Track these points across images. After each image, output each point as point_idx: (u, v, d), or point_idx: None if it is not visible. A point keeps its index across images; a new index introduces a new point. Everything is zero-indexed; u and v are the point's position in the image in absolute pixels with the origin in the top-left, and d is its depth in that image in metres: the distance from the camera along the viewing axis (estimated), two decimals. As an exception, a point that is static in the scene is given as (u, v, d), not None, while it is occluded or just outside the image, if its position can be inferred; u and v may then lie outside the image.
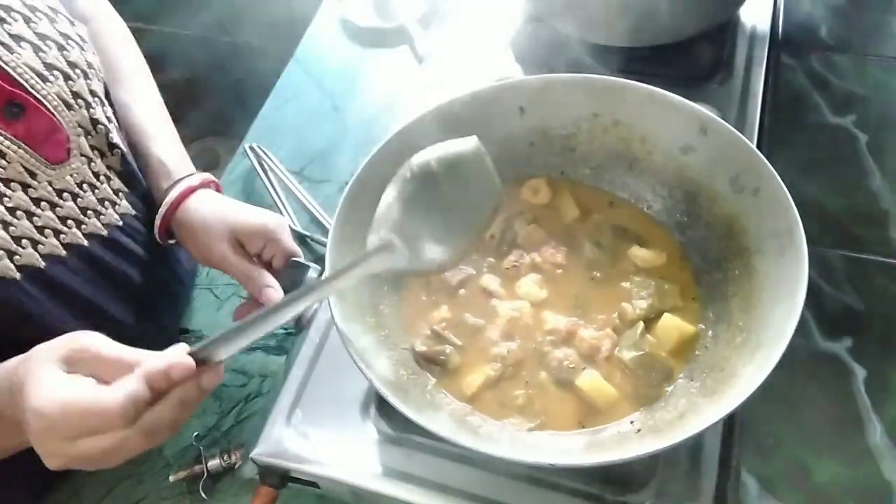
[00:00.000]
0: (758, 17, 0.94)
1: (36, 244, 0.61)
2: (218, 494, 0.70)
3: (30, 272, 0.61)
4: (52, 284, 0.63)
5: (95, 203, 0.67)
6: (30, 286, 0.61)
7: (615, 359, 0.62)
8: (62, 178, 0.64)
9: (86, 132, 0.67)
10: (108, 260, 0.69)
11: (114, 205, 0.70)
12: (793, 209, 0.57)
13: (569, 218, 0.71)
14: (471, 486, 0.60)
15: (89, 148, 0.67)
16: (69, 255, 0.65)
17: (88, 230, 0.66)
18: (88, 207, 0.66)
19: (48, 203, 0.62)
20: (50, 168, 0.63)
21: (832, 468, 0.63)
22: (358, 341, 0.57)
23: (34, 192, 0.61)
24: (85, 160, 0.66)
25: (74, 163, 0.65)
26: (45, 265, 0.62)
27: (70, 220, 0.65)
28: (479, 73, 0.91)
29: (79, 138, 0.66)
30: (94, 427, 0.46)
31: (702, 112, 0.64)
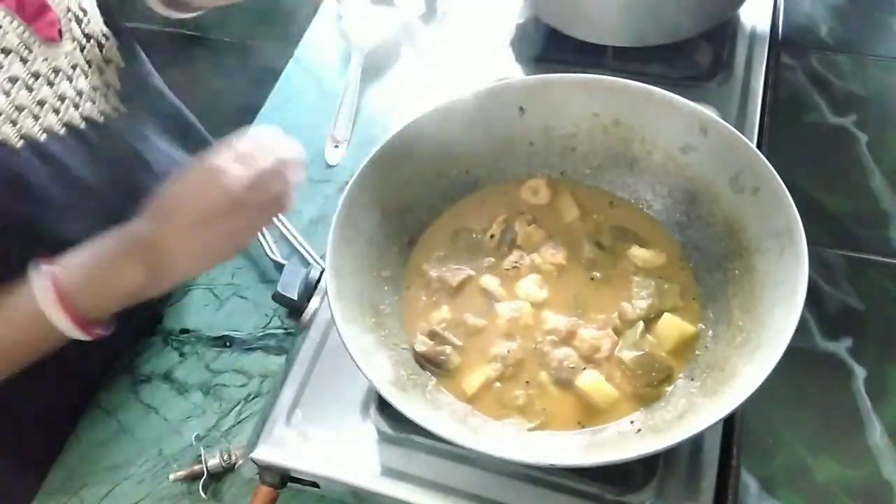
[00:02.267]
0: (758, 17, 0.94)
1: (35, 117, 0.63)
2: (218, 494, 0.70)
3: (30, 143, 0.62)
4: (51, 160, 0.64)
5: (89, 89, 0.69)
6: (31, 156, 0.62)
7: (615, 359, 0.62)
8: (57, 58, 0.65)
9: (77, 18, 0.68)
10: (106, 149, 0.70)
11: (105, 97, 0.71)
12: (793, 209, 0.57)
13: (569, 218, 0.71)
14: (471, 486, 0.60)
15: (81, 35, 0.68)
16: (67, 134, 0.66)
17: (85, 113, 0.68)
18: (83, 91, 0.68)
19: (45, 79, 0.64)
20: (44, 45, 0.64)
21: (832, 468, 0.63)
22: (358, 341, 0.57)
23: (31, 65, 0.63)
24: (77, 45, 0.68)
25: (66, 45, 0.66)
26: (44, 138, 0.63)
27: (67, 99, 0.66)
28: (479, 73, 0.91)
29: (70, 23, 0.67)
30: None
31: (702, 112, 0.64)
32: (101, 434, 0.75)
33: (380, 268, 0.66)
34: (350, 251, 0.62)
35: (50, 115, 0.64)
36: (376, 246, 0.66)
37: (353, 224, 0.63)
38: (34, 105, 0.63)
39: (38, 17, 0.65)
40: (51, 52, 0.65)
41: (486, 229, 0.70)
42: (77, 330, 0.60)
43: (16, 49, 0.62)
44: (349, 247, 0.62)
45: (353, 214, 0.63)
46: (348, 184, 0.63)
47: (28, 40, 0.63)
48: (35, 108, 0.63)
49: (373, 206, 0.65)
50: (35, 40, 0.64)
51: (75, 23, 0.69)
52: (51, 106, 0.64)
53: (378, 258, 0.66)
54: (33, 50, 0.64)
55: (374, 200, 0.66)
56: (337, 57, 1.06)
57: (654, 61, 0.88)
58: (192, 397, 0.77)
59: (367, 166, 0.64)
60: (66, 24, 0.67)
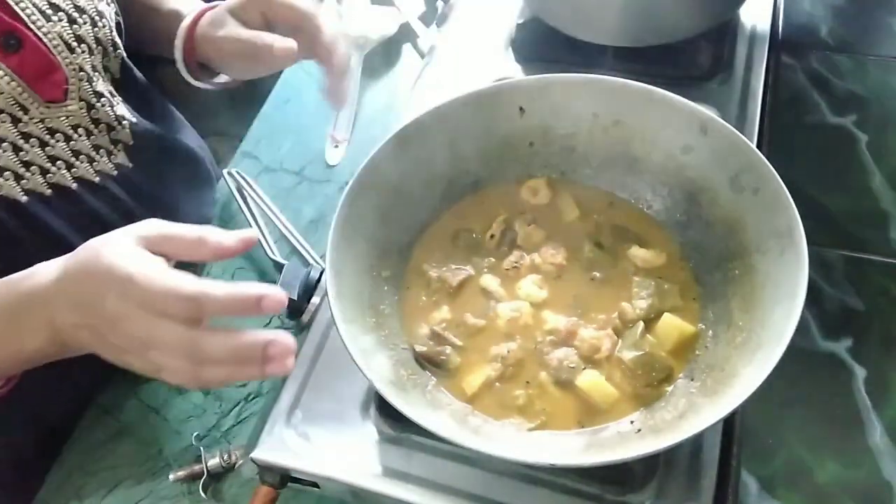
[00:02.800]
0: (758, 17, 0.94)
1: (19, 178, 0.62)
2: (218, 494, 0.70)
3: (8, 203, 0.62)
4: (31, 221, 0.63)
5: (89, 148, 0.68)
6: (8, 217, 0.62)
7: (615, 359, 0.62)
8: (55, 118, 0.65)
9: (88, 77, 0.67)
10: (98, 208, 0.69)
11: (109, 154, 0.70)
12: (793, 209, 0.57)
13: (569, 218, 0.71)
14: (471, 486, 0.60)
15: (92, 93, 0.68)
16: (54, 194, 0.65)
17: (78, 174, 0.67)
18: (81, 151, 0.67)
19: (38, 140, 0.63)
20: (44, 106, 0.64)
21: (832, 468, 0.63)
22: (358, 341, 0.57)
23: (24, 126, 0.63)
24: (84, 105, 0.67)
25: (71, 105, 0.66)
26: (25, 200, 0.63)
27: (60, 160, 0.65)
28: (479, 73, 0.91)
29: (80, 82, 0.66)
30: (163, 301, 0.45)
31: (702, 112, 0.64)
32: (101, 434, 0.75)
33: (380, 268, 0.66)
34: (350, 251, 0.62)
35: (36, 176, 0.63)
36: (376, 246, 0.66)
37: (353, 224, 0.63)
38: (19, 166, 0.62)
39: (42, 77, 0.64)
40: (50, 113, 0.64)
41: (486, 229, 0.70)
42: None
43: (8, 109, 0.62)
44: (349, 247, 0.62)
45: (353, 214, 0.63)
46: (348, 184, 0.63)
47: (25, 101, 0.62)
48: (20, 169, 0.62)
49: (373, 206, 0.65)
50: (34, 101, 0.63)
51: (86, 82, 0.67)
52: (38, 167, 0.64)
53: (378, 258, 0.66)
54: (30, 110, 0.63)
55: (374, 200, 0.66)
56: (337, 57, 1.06)
57: (654, 61, 0.88)
58: (192, 397, 0.77)
59: (367, 166, 0.64)
60: (74, 83, 0.66)
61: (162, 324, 0.46)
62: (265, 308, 0.47)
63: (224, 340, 0.46)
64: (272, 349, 0.46)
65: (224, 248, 0.49)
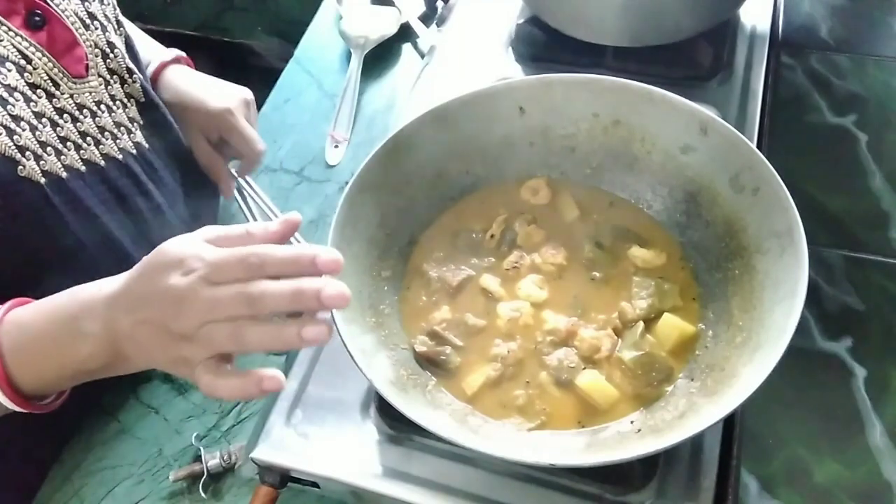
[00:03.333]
0: (758, 17, 0.94)
1: (59, 154, 0.63)
2: (218, 494, 0.70)
3: (53, 180, 0.62)
4: (72, 197, 0.64)
5: (112, 125, 0.69)
6: (52, 193, 0.62)
7: (615, 359, 0.62)
8: (82, 94, 0.66)
9: (103, 54, 0.69)
10: (122, 186, 0.70)
11: (129, 132, 0.71)
12: (793, 209, 0.57)
13: (569, 218, 0.71)
14: (471, 486, 0.60)
15: (106, 70, 0.69)
16: (88, 171, 0.66)
17: (105, 150, 0.68)
18: (105, 128, 0.68)
19: (70, 115, 0.65)
20: (71, 81, 0.65)
21: (832, 468, 0.63)
22: (358, 341, 0.57)
23: (57, 101, 0.64)
24: (102, 81, 0.69)
25: (93, 81, 0.67)
26: (66, 176, 0.63)
27: (89, 136, 0.67)
28: (479, 73, 0.91)
29: (96, 59, 0.68)
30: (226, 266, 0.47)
31: (702, 112, 0.64)
32: (101, 434, 0.75)
33: (380, 268, 0.66)
34: (350, 251, 0.62)
35: (72, 152, 0.64)
36: (376, 246, 0.66)
37: (353, 224, 0.63)
38: (57, 142, 0.63)
39: (67, 52, 0.65)
40: (77, 89, 0.66)
41: (486, 229, 0.70)
42: (10, 401, 0.54)
43: (43, 85, 0.63)
44: (349, 247, 0.62)
45: (353, 214, 0.63)
46: (348, 184, 0.63)
47: (56, 76, 0.64)
48: (58, 145, 0.63)
49: (373, 206, 0.66)
50: (63, 76, 0.65)
51: (101, 59, 0.69)
52: (73, 143, 0.65)
53: (378, 258, 0.66)
54: (60, 86, 0.64)
55: (374, 200, 0.66)
56: (337, 57, 1.06)
57: (654, 61, 0.88)
58: (192, 397, 0.77)
59: (367, 166, 0.64)
60: (92, 59, 0.68)
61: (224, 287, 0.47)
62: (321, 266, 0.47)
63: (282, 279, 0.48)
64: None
65: (271, 233, 0.51)
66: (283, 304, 0.47)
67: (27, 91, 0.61)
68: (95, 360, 0.52)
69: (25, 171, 0.60)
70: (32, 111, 0.61)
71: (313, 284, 0.46)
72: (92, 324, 0.51)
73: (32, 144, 0.60)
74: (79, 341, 0.52)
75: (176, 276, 0.48)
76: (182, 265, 0.48)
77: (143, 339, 0.50)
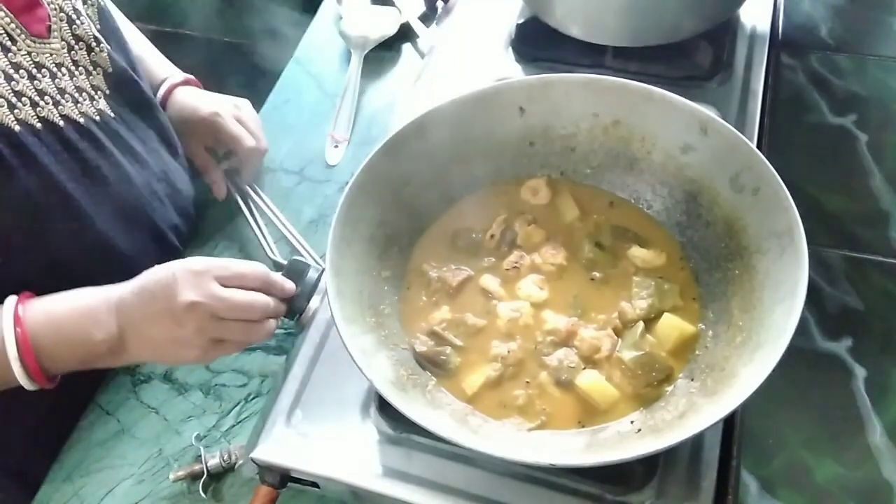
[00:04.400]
0: (758, 17, 0.94)
1: (12, 107, 0.64)
2: (218, 494, 0.70)
3: (4, 131, 0.63)
4: (24, 151, 0.65)
5: (73, 89, 0.70)
6: (3, 146, 0.63)
7: (615, 359, 0.62)
8: (41, 54, 0.67)
9: (68, 19, 0.70)
10: (83, 149, 0.70)
11: (91, 98, 0.72)
12: (793, 209, 0.57)
13: (569, 218, 0.71)
14: (471, 486, 0.60)
15: (71, 35, 0.70)
16: (43, 128, 0.66)
17: (64, 112, 0.68)
18: (65, 90, 0.69)
19: (26, 72, 0.65)
20: (30, 39, 0.66)
21: (832, 468, 0.63)
22: (358, 341, 0.57)
23: (13, 56, 0.65)
24: (65, 45, 0.70)
25: (54, 43, 0.68)
26: (19, 129, 0.64)
27: (47, 95, 0.67)
28: (479, 73, 0.91)
29: (61, 22, 0.69)
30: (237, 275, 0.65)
31: (702, 112, 0.64)
32: (101, 434, 0.75)
33: (380, 268, 0.66)
34: (350, 251, 0.62)
35: (27, 107, 0.65)
36: (376, 246, 0.66)
37: (353, 224, 0.63)
38: (11, 95, 0.64)
39: (26, 10, 0.66)
40: (36, 48, 0.66)
41: (486, 229, 0.70)
42: (29, 378, 0.64)
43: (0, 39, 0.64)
44: (349, 247, 0.62)
45: (353, 214, 0.63)
46: (348, 184, 0.63)
47: (13, 31, 0.65)
48: (12, 98, 0.64)
49: (373, 206, 0.66)
50: (21, 32, 0.65)
51: (66, 23, 0.70)
52: (29, 99, 0.65)
53: (378, 258, 0.66)
54: (17, 41, 0.65)
55: (374, 200, 0.66)
56: (337, 57, 1.06)
57: (654, 61, 0.88)
58: (192, 397, 0.77)
59: (367, 167, 0.64)
60: (56, 23, 0.69)
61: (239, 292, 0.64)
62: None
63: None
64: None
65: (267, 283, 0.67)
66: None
67: None
68: (104, 345, 0.64)
69: None
70: None
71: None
72: (108, 315, 0.64)
73: None
74: (94, 328, 0.63)
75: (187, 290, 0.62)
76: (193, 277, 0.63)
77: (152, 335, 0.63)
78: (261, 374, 0.78)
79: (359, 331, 0.59)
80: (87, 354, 0.65)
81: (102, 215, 0.73)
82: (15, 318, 0.63)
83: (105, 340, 0.63)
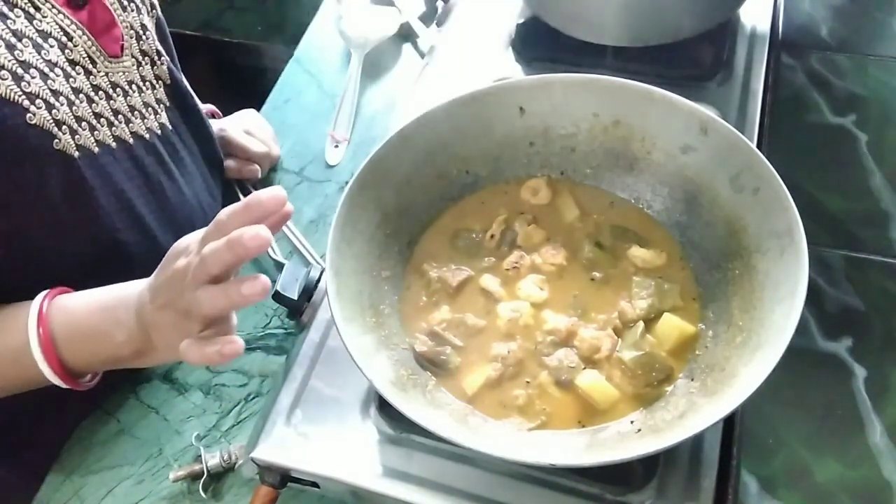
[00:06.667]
0: (758, 17, 0.94)
1: (93, 129, 0.65)
2: (218, 494, 0.70)
3: (85, 154, 0.64)
4: (102, 171, 0.66)
5: (141, 105, 0.71)
6: (85, 166, 0.64)
7: (615, 359, 0.62)
8: (116, 73, 0.68)
9: (136, 35, 0.71)
10: (148, 164, 0.72)
11: (155, 113, 0.73)
12: (793, 209, 0.57)
13: (569, 218, 0.71)
14: (471, 486, 0.60)
15: (139, 51, 0.72)
16: (118, 148, 0.68)
17: (134, 129, 0.70)
18: (135, 107, 0.70)
19: (104, 93, 0.67)
20: (108, 60, 0.67)
21: (832, 468, 0.63)
22: (358, 341, 0.57)
23: (94, 79, 0.66)
24: (135, 62, 0.71)
25: (126, 61, 0.70)
26: (98, 151, 0.65)
27: (120, 114, 0.69)
28: (479, 73, 0.91)
29: (131, 40, 0.70)
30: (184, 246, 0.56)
31: (702, 112, 0.64)
32: (101, 434, 0.75)
33: (380, 268, 0.66)
34: (350, 251, 0.62)
35: (105, 128, 0.66)
36: (376, 246, 0.66)
37: (353, 224, 0.63)
38: (92, 117, 0.65)
39: (105, 32, 0.67)
40: (112, 67, 0.68)
41: (486, 229, 0.70)
42: (58, 377, 0.62)
43: (82, 62, 0.65)
44: (349, 247, 0.62)
45: (353, 214, 0.63)
46: (348, 184, 0.63)
47: (94, 54, 0.66)
48: (93, 121, 0.65)
49: (373, 206, 0.66)
50: (101, 54, 0.66)
51: (135, 39, 0.71)
52: (106, 119, 0.66)
53: (378, 258, 0.66)
54: (97, 63, 0.66)
55: (374, 200, 0.66)
56: (337, 57, 1.06)
57: (654, 61, 0.88)
58: (192, 397, 0.77)
59: (367, 166, 0.64)
60: (127, 40, 0.70)
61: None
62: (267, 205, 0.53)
63: None
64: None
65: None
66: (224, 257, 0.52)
67: (67, 67, 0.63)
68: (128, 346, 0.61)
69: (61, 145, 0.61)
70: (71, 87, 0.63)
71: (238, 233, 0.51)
72: (126, 314, 0.60)
73: (69, 119, 0.62)
74: (114, 328, 0.61)
75: (179, 262, 0.55)
76: (184, 252, 0.56)
77: (163, 324, 0.57)
78: (261, 374, 0.78)
79: (359, 331, 0.59)
80: (110, 356, 0.63)
81: (163, 229, 0.74)
82: (39, 316, 0.61)
83: (126, 342, 0.61)
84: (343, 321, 0.56)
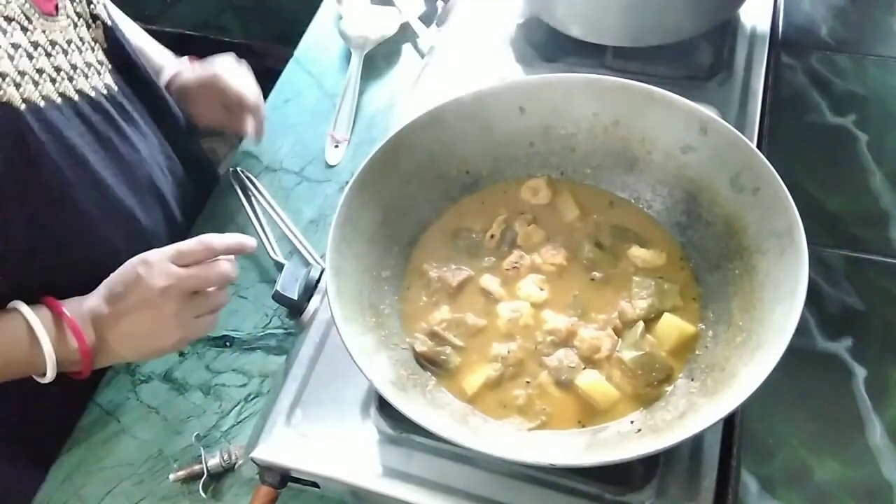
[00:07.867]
0: (758, 17, 0.94)
1: (36, 84, 0.65)
2: (218, 494, 0.70)
3: (32, 107, 0.65)
4: (49, 126, 0.66)
5: (83, 64, 0.72)
6: (32, 119, 0.64)
7: (615, 359, 0.62)
8: (53, 31, 0.69)
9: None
10: (96, 122, 0.72)
11: (97, 73, 0.74)
12: (793, 209, 0.57)
13: (569, 218, 0.71)
14: (471, 486, 0.60)
15: (74, 13, 0.72)
16: (64, 104, 0.69)
17: (78, 87, 0.71)
18: (77, 66, 0.71)
19: (43, 49, 0.67)
20: (43, 17, 0.68)
21: (832, 468, 0.63)
22: (358, 341, 0.57)
23: (31, 35, 0.66)
24: (71, 22, 0.72)
25: (62, 21, 0.70)
26: (43, 105, 0.66)
27: (62, 71, 0.69)
28: (479, 73, 0.91)
29: (65, 0, 0.71)
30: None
31: (702, 112, 0.64)
32: (101, 434, 0.75)
33: (380, 268, 0.66)
34: (350, 251, 0.62)
35: (48, 83, 0.67)
36: (376, 246, 0.66)
37: (353, 224, 0.63)
38: (34, 72, 0.65)
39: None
40: (48, 25, 0.68)
41: (486, 229, 0.70)
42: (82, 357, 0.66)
43: (17, 18, 0.65)
44: (349, 247, 0.62)
45: (353, 214, 0.63)
46: (348, 184, 0.63)
47: (28, 11, 0.66)
48: (35, 76, 0.65)
49: (373, 206, 0.66)
50: (35, 12, 0.67)
51: (69, 1, 0.72)
52: (48, 75, 0.67)
53: (378, 258, 0.66)
54: (32, 21, 0.67)
55: (374, 200, 0.66)
56: (337, 57, 1.06)
57: (654, 61, 0.88)
58: (192, 397, 0.77)
59: (367, 166, 0.64)
60: (61, 1, 0.71)
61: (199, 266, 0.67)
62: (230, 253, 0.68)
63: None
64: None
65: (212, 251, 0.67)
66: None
67: (3, 23, 0.63)
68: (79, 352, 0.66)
69: (6, 97, 0.62)
70: (10, 42, 0.63)
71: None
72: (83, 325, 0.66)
73: (11, 72, 0.63)
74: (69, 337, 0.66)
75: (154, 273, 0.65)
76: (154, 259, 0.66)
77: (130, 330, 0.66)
78: (261, 374, 0.78)
79: (359, 331, 0.59)
80: (63, 360, 0.66)
81: (119, 186, 0.75)
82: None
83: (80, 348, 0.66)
84: (343, 321, 0.56)
